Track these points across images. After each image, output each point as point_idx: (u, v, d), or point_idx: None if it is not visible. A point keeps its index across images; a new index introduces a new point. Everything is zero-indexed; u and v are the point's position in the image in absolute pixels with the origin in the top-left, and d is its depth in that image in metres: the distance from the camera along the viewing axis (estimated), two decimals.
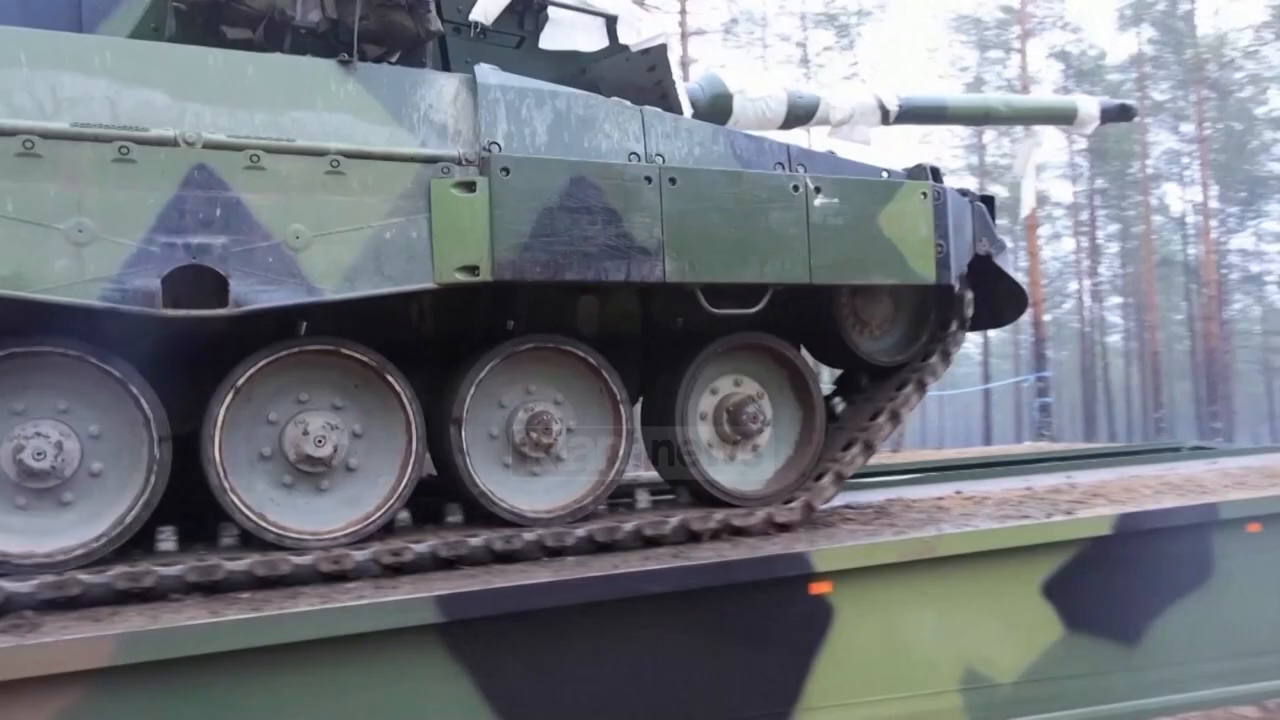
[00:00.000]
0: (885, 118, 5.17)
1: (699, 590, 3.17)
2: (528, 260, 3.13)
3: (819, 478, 3.94)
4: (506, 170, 3.12)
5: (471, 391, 3.36)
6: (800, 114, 4.97)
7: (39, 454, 2.75)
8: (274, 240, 2.85)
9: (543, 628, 2.93)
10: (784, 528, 3.80)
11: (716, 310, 3.54)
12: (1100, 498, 4.43)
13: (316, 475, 3.19)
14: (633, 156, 3.44)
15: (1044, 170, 29.76)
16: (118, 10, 3.25)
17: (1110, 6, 32.92)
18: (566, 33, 3.94)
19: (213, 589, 2.89)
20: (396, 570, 3.13)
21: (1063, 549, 3.74)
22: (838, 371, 4.51)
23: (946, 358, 4.19)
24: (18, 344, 2.77)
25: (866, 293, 4.06)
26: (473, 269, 3.07)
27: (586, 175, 3.24)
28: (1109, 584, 3.83)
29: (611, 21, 3.97)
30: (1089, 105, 5.77)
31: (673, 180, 3.35)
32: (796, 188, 3.57)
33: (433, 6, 3.42)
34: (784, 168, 3.71)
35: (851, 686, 3.39)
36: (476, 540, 3.25)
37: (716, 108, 4.68)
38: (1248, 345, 37.80)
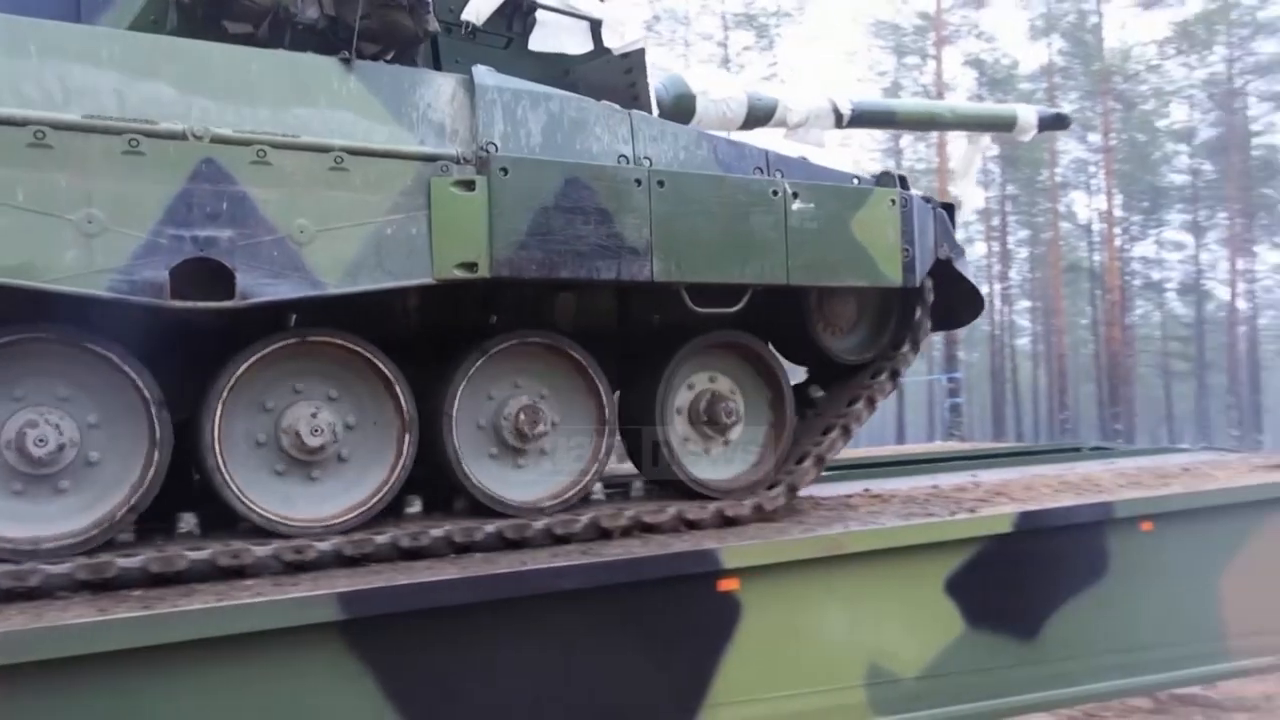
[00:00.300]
0: (839, 121, 5.35)
1: (608, 588, 3.16)
2: (524, 258, 3.21)
3: (800, 461, 4.12)
4: (505, 170, 3.20)
5: (463, 385, 3.44)
6: (759, 115, 5.09)
7: (41, 440, 2.77)
8: (279, 234, 2.89)
9: (448, 625, 2.89)
10: (771, 515, 3.98)
11: (700, 309, 3.67)
12: (1002, 496, 4.54)
13: (310, 464, 3.24)
14: (621, 159, 3.54)
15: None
16: (117, 1, 3.25)
17: (1022, 17, 33.80)
18: (554, 35, 4.02)
19: (169, 580, 2.88)
20: (354, 562, 3.14)
21: (965, 546, 3.81)
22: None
23: (916, 346, 4.38)
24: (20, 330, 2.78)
25: (833, 293, 4.20)
26: (471, 265, 3.14)
27: (580, 177, 3.32)
28: (1008, 580, 3.92)
29: (596, 25, 4.05)
30: (1028, 114, 6.01)
31: (661, 183, 3.46)
32: (775, 192, 3.69)
33: (431, 7, 3.47)
34: (762, 172, 3.84)
35: (758, 682, 3.41)
36: (438, 532, 3.27)
37: (680, 108, 4.77)
38: (1148, 350, 39.22)
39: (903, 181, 4.15)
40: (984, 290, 4.79)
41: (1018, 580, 3.96)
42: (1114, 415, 31.51)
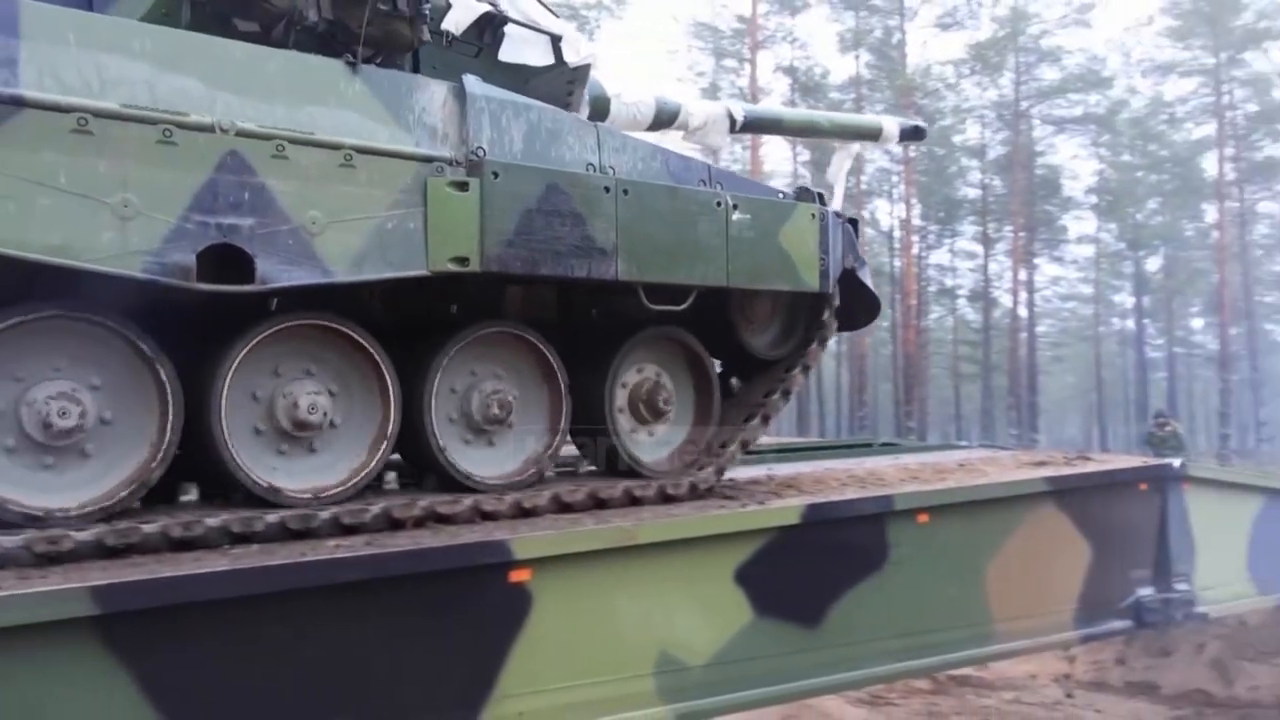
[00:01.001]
0: (733, 127, 5.75)
1: (394, 579, 3.07)
2: (511, 255, 3.50)
3: (724, 446, 4.50)
4: (496, 174, 3.48)
5: (441, 370, 3.72)
6: (664, 119, 5.45)
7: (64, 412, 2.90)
8: (294, 224, 3.09)
9: (215, 621, 2.73)
10: (706, 493, 4.36)
11: (653, 306, 4.03)
12: (793, 489, 4.69)
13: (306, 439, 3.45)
14: (589, 167, 3.87)
15: (777, 178, 31.40)
16: None
17: (833, 29, 35.07)
18: (520, 48, 4.33)
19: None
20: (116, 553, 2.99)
21: (755, 537, 3.91)
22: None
23: (824, 344, 4.85)
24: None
25: (754, 295, 4.57)
26: (463, 260, 3.41)
27: (559, 183, 3.64)
28: (795, 570, 4.06)
29: (557, 40, 4.41)
30: (891, 125, 6.59)
31: (625, 191, 3.80)
32: (719, 204, 4.09)
33: (427, 18, 3.70)
34: (705, 184, 4.24)
35: (548, 673, 3.40)
36: (214, 521, 3.15)
37: (596, 109, 5.05)
38: (941, 352, 41.68)
39: (821, 198, 4.61)
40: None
41: (804, 570, 4.09)
42: (908, 413, 33.31)
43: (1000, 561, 4.81)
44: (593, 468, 4.49)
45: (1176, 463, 5.81)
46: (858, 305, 5.00)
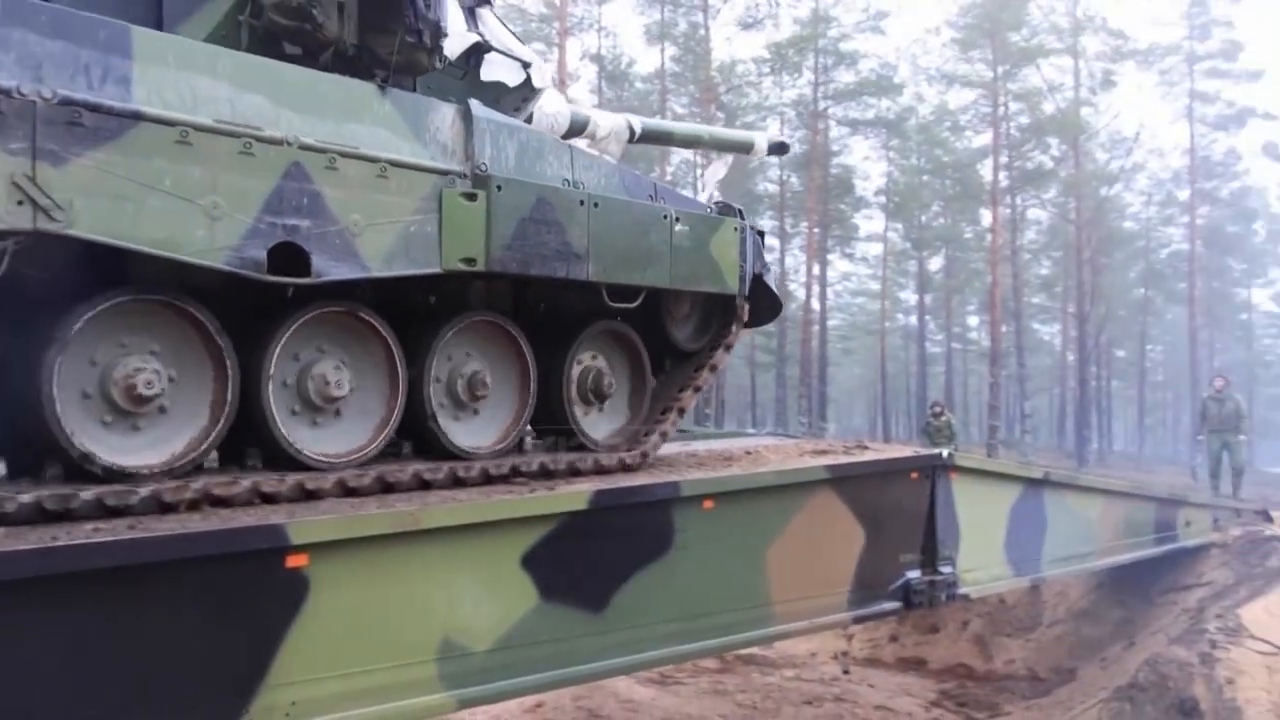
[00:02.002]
0: (632, 137, 6.26)
1: (158, 565, 2.88)
2: (509, 257, 4.05)
3: (647, 435, 5.14)
4: (499, 187, 4.02)
5: (436, 352, 4.18)
6: (575, 129, 5.86)
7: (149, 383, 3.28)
8: (340, 226, 3.55)
9: None
10: (630, 468, 4.89)
11: (613, 304, 4.63)
12: (582, 476, 4.70)
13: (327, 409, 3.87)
14: (565, 182, 4.40)
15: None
16: (193, 16, 3.66)
17: (640, 20, 35.27)
18: (499, 70, 4.91)
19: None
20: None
21: (542, 523, 3.90)
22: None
23: (728, 349, 5.55)
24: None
25: (678, 295, 5.15)
26: (471, 260, 3.93)
27: (546, 196, 4.20)
28: (582, 555, 4.08)
29: (527, 66, 4.98)
30: (761, 140, 7.17)
31: (596, 205, 4.39)
32: (665, 216, 4.73)
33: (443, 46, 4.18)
34: (653, 199, 4.86)
35: (325, 661, 3.28)
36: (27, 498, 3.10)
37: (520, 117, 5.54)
38: (740, 343, 42.89)
39: (741, 213, 5.30)
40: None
41: (590, 555, 4.12)
42: (706, 401, 34.20)
43: (780, 546, 4.99)
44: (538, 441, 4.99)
45: (944, 453, 6.19)
46: (763, 305, 5.66)
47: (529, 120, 5.35)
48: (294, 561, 3.17)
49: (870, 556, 5.51)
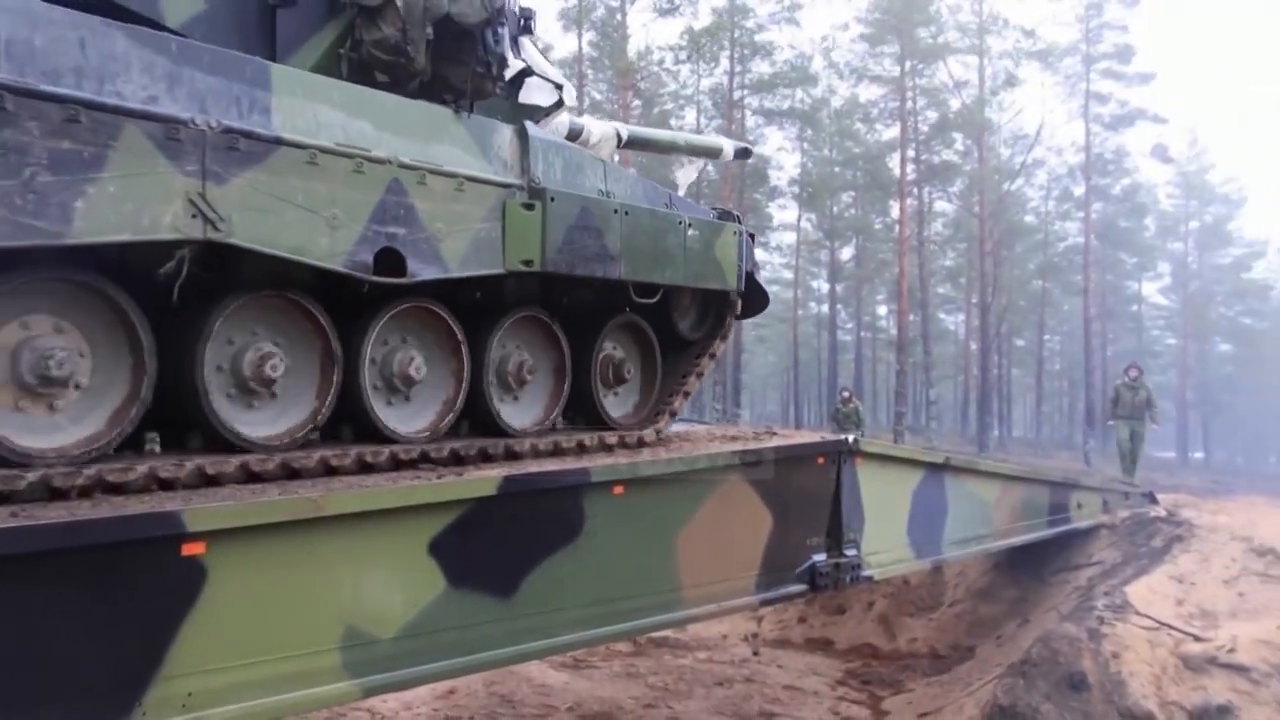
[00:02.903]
0: (619, 143, 6.73)
1: (44, 554, 2.78)
2: (560, 259, 4.64)
3: (658, 415, 5.88)
4: (553, 198, 4.60)
5: (494, 342, 4.80)
6: (571, 135, 6.18)
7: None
8: (428, 233, 4.12)
9: None
10: (641, 444, 5.53)
11: (638, 299, 5.32)
12: (491, 462, 4.67)
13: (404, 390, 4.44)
14: (600, 193, 5.08)
15: None
16: (302, 48, 4.20)
17: (556, 4, 34.81)
18: (537, 93, 5.33)
19: None
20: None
21: (450, 509, 3.88)
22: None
23: (724, 338, 6.23)
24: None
25: (680, 289, 5.70)
26: (529, 262, 4.52)
27: (589, 206, 4.83)
28: (490, 541, 4.07)
29: (560, 88, 5.42)
30: (728, 145, 7.80)
31: (626, 213, 5.02)
32: (680, 222, 5.39)
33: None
34: (668, 206, 5.56)
35: (223, 650, 3.21)
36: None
37: None
38: None
39: (739, 218, 6.02)
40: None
41: (500, 541, 4.11)
42: None
43: (690, 531, 5.05)
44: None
45: (850, 439, 6.32)
46: (753, 299, 6.28)
47: (579, 138, 6.22)
48: (190, 549, 3.09)
49: (778, 540, 5.60)
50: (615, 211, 4.96)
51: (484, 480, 4.03)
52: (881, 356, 53.68)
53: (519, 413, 5.01)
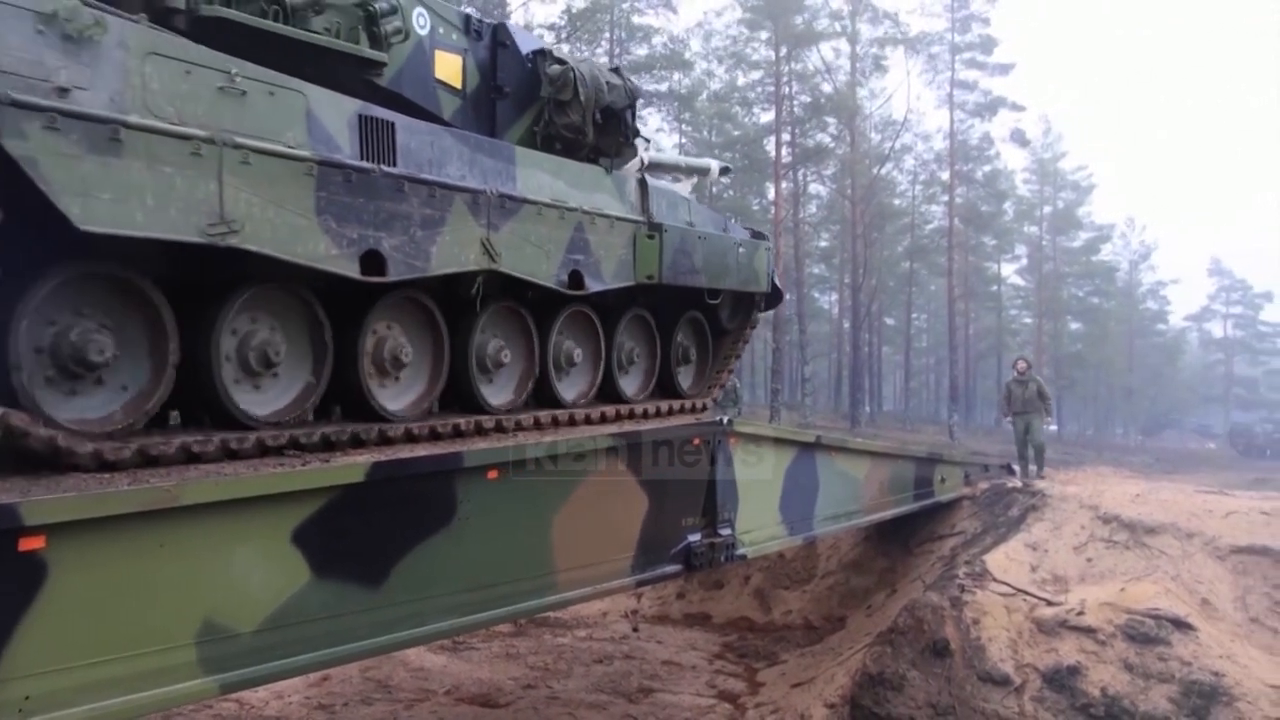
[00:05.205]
0: (641, 166, 7.58)
1: None
2: (670, 274, 6.49)
3: (710, 386, 8.13)
4: (665, 231, 6.49)
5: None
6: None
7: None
8: (596, 258, 5.96)
9: None
10: (704, 409, 7.76)
11: (709, 301, 7.38)
12: (364, 449, 4.54)
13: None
14: (686, 224, 6.95)
15: None
16: (512, 127, 6.09)
17: None
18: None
19: None
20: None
21: (315, 496, 3.75)
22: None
23: (753, 326, 8.48)
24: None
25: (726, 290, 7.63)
26: (651, 276, 6.37)
27: (686, 234, 6.77)
28: (359, 529, 3.96)
29: (647, 142, 7.46)
30: (715, 165, 9.70)
31: (703, 238, 6.97)
32: (736, 244, 7.47)
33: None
34: (724, 230, 7.64)
35: (66, 651, 3.04)
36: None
37: None
38: None
39: (765, 237, 8.38)
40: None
41: (368, 528, 4.00)
42: None
43: (566, 514, 5.03)
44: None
45: (724, 420, 6.39)
46: (772, 297, 8.34)
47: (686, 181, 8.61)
48: (28, 544, 2.90)
49: (654, 521, 5.63)
50: (699, 238, 6.94)
51: (351, 466, 3.91)
52: (759, 334, 54.52)
53: (629, 383, 7.02)
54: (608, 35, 32.86)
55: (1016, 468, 11.82)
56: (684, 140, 40.69)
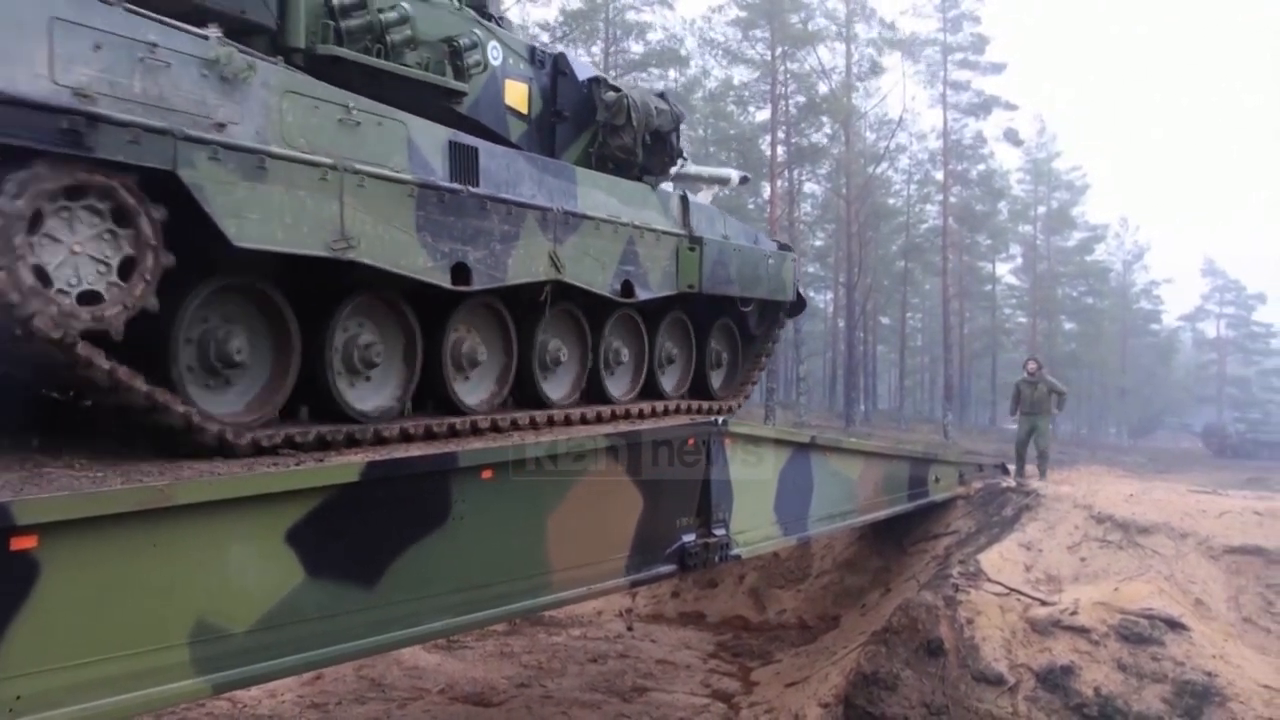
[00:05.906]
0: (671, 179, 8.20)
1: None
2: (709, 284, 7.17)
3: (741, 385, 8.69)
4: (706, 244, 7.14)
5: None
6: None
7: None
8: (643, 269, 6.54)
9: None
10: (727, 410, 8.21)
11: (742, 309, 8.10)
12: (357, 448, 4.53)
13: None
14: (723, 236, 7.52)
15: None
16: (569, 149, 6.61)
17: None
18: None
19: None
20: None
21: (309, 496, 3.74)
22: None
23: (780, 329, 9.09)
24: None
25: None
26: (692, 285, 7.02)
27: (723, 247, 7.40)
28: (353, 529, 3.94)
29: (684, 160, 7.94)
30: (735, 175, 9.61)
31: (737, 250, 7.61)
32: (766, 256, 8.11)
33: None
34: (755, 242, 8.10)
35: (58, 650, 3.02)
36: None
37: None
38: None
39: (790, 248, 8.82)
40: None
41: (363, 528, 3.99)
42: None
43: (561, 514, 5.01)
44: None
45: (719, 420, 6.39)
46: (796, 305, 8.95)
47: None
48: (20, 543, 2.88)
49: (649, 522, 5.62)
50: (734, 250, 7.53)
51: (346, 466, 3.90)
52: None
53: (668, 382, 7.51)
54: (602, 35, 32.78)
55: (1011, 467, 11.83)
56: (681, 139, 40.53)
